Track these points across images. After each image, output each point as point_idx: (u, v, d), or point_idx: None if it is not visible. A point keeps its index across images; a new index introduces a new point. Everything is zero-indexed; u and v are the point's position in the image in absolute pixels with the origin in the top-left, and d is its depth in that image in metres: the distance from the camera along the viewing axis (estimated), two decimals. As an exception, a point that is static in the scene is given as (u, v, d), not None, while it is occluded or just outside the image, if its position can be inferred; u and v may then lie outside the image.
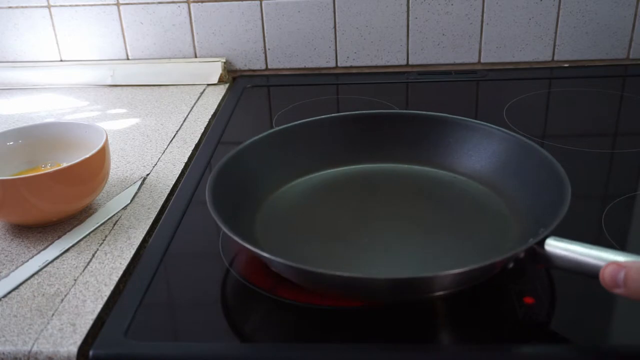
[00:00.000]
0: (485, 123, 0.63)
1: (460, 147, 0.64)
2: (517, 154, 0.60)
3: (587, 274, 0.43)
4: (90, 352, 0.45)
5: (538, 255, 0.45)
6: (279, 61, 0.99)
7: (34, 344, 0.46)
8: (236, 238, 0.47)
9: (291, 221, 0.59)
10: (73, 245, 0.58)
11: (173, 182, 0.68)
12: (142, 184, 0.68)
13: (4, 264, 0.55)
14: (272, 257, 0.46)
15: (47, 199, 0.57)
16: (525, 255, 0.45)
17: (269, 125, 0.83)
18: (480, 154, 0.63)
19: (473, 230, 0.56)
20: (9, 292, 0.52)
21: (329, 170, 0.65)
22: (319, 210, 0.60)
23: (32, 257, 0.56)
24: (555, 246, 0.45)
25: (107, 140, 0.61)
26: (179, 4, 0.96)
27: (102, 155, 0.60)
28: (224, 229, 0.48)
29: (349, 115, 0.68)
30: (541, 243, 0.45)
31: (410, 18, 0.95)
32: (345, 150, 0.66)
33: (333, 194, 0.63)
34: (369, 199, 0.62)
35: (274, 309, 0.48)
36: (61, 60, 1.02)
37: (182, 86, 0.97)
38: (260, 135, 0.63)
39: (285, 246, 0.55)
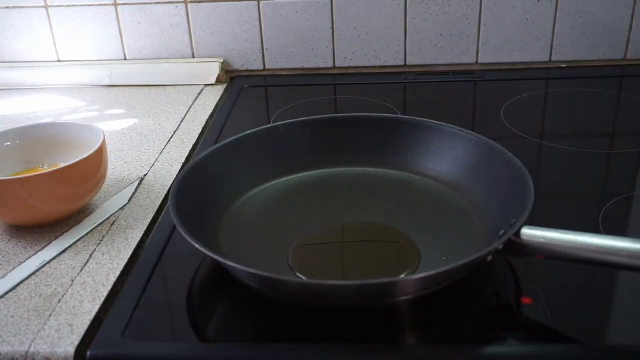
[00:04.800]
0: (446, 124, 0.63)
1: (420, 149, 0.64)
2: (478, 154, 0.60)
3: (567, 259, 0.44)
4: (88, 353, 0.45)
5: (515, 246, 0.45)
6: (277, 61, 0.99)
7: (31, 345, 0.46)
8: (202, 248, 0.46)
9: (255, 229, 0.58)
10: (70, 246, 0.57)
11: (171, 183, 0.68)
12: (139, 184, 0.68)
13: (1, 265, 0.55)
14: (236, 265, 0.45)
15: (44, 200, 0.57)
16: (502, 247, 0.46)
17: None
18: (442, 155, 0.63)
19: (441, 228, 0.56)
20: (7, 293, 0.52)
21: (291, 177, 0.65)
22: (282, 218, 0.60)
23: (30, 257, 0.56)
24: (532, 235, 0.45)
25: (104, 140, 0.61)
26: (176, 5, 0.96)
27: (99, 156, 0.60)
28: (189, 238, 0.47)
29: (308, 120, 0.67)
30: (517, 234, 0.45)
31: (407, 19, 0.95)
32: (305, 156, 0.66)
33: (296, 200, 0.62)
34: (332, 204, 0.62)
35: (273, 309, 0.48)
36: (59, 61, 1.02)
37: (179, 86, 0.97)
38: (219, 145, 0.62)
39: (250, 255, 0.54)
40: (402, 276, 0.49)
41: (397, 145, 0.65)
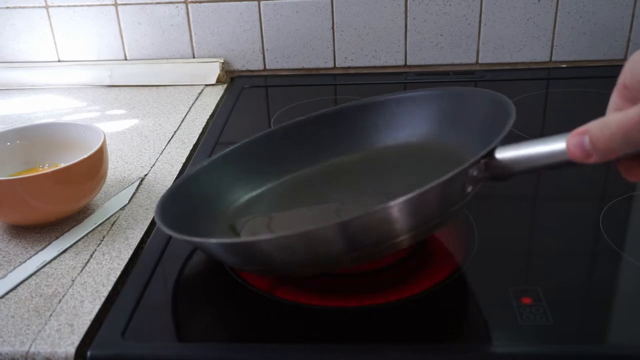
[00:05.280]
0: (404, 92, 0.63)
1: (389, 124, 0.63)
2: (451, 103, 0.59)
3: (547, 166, 0.43)
4: (88, 353, 0.45)
5: (491, 167, 0.45)
6: (277, 62, 0.99)
7: (31, 345, 0.46)
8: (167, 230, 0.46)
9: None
10: (71, 246, 0.57)
11: (171, 183, 0.68)
12: (140, 184, 0.68)
13: (2, 265, 0.55)
14: (202, 240, 0.45)
15: (45, 200, 0.57)
16: (478, 171, 0.45)
17: (267, 125, 0.83)
18: (413, 121, 0.62)
19: (431, 174, 0.55)
20: (7, 293, 0.52)
21: (282, 180, 0.64)
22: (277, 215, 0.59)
23: (30, 257, 0.56)
24: (505, 152, 0.44)
25: (105, 140, 0.61)
26: (177, 5, 0.96)
27: (100, 156, 0.60)
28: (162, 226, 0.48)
29: (282, 126, 0.66)
30: (491, 154, 0.45)
31: (408, 19, 0.95)
32: (280, 161, 0.64)
33: (290, 200, 0.61)
34: (329, 189, 0.61)
35: (273, 309, 0.48)
36: (59, 61, 1.02)
37: (180, 87, 0.97)
38: (207, 163, 0.62)
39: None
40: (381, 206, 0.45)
41: (361, 128, 0.64)
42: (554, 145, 0.42)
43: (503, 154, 0.45)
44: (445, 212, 0.47)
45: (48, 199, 0.58)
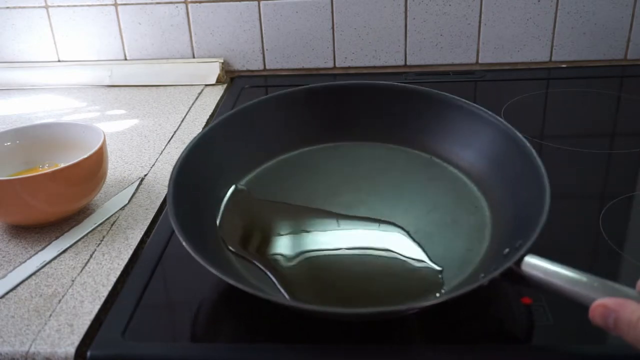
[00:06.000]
0: (476, 105, 0.58)
1: (446, 130, 0.59)
2: (505, 146, 0.55)
3: (568, 299, 0.41)
4: (88, 353, 0.45)
5: (515, 274, 0.43)
6: (277, 62, 0.99)
7: (31, 345, 0.46)
8: (206, 265, 0.45)
9: (257, 214, 0.56)
10: (71, 246, 0.57)
11: (171, 183, 0.68)
12: (139, 184, 0.68)
13: (2, 265, 0.55)
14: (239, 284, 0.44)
15: (44, 200, 0.57)
16: (500, 276, 0.43)
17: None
18: (468, 141, 0.58)
19: (452, 232, 0.53)
20: (7, 293, 0.52)
21: (304, 149, 0.61)
22: (285, 205, 0.57)
23: (30, 257, 0.56)
24: (534, 267, 0.42)
25: (104, 140, 0.61)
26: (176, 5, 0.96)
27: (100, 156, 0.60)
28: (188, 249, 0.46)
29: (319, 87, 0.63)
30: (519, 262, 0.42)
31: (408, 19, 0.95)
32: (320, 127, 0.61)
33: (305, 177, 0.58)
34: (340, 185, 0.58)
35: (273, 310, 0.48)
36: (59, 61, 1.02)
37: (180, 87, 0.97)
38: (220, 120, 0.59)
39: (253, 247, 0.53)
40: (400, 306, 0.46)
41: (421, 121, 0.59)
42: (582, 288, 0.40)
43: (530, 263, 0.42)
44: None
45: (48, 199, 0.58)
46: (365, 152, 0.61)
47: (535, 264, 0.42)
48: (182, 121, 0.85)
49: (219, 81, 0.98)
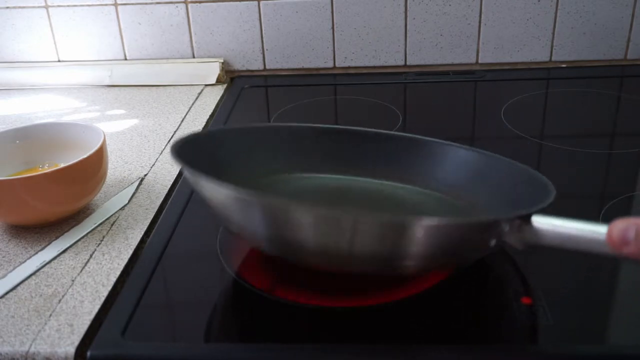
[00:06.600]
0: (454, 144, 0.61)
1: (424, 164, 0.62)
2: (484, 164, 0.58)
3: (579, 248, 0.42)
4: (88, 353, 0.45)
5: (523, 230, 0.44)
6: (277, 62, 0.99)
7: (31, 345, 0.46)
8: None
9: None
10: (71, 246, 0.57)
11: (171, 183, 0.68)
12: (139, 184, 0.68)
13: (2, 265, 0.55)
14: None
15: (44, 200, 0.57)
16: (510, 228, 0.44)
17: (267, 125, 0.83)
18: (452, 171, 0.60)
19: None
20: (7, 293, 0.52)
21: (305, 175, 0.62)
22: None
23: (30, 257, 0.56)
24: (542, 220, 0.43)
25: (104, 140, 0.61)
26: (176, 5, 0.96)
27: (99, 156, 0.60)
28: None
29: (326, 128, 0.65)
30: (528, 218, 0.43)
31: (408, 19, 0.95)
32: (321, 160, 0.63)
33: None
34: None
35: (273, 309, 0.48)
36: (59, 61, 1.02)
37: (180, 87, 0.97)
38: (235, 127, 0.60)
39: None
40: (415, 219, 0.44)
41: (403, 160, 0.63)
42: (595, 227, 0.41)
43: (540, 221, 0.43)
44: (460, 254, 0.46)
45: (48, 199, 0.58)
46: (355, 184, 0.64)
47: (545, 218, 0.43)
48: (182, 121, 0.85)
49: (219, 81, 0.98)
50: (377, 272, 0.47)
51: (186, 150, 0.51)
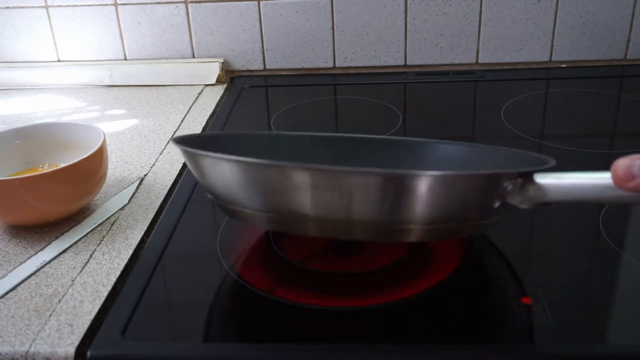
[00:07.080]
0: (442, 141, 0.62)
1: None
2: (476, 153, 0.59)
3: (585, 197, 0.41)
4: (88, 353, 0.45)
5: (526, 188, 0.43)
6: (277, 62, 0.99)
7: (31, 345, 0.46)
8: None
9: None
10: (71, 246, 0.57)
11: (171, 183, 0.68)
12: (139, 184, 0.68)
13: (2, 265, 0.55)
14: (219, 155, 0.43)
15: (44, 200, 0.57)
16: (513, 186, 0.43)
17: (266, 125, 0.83)
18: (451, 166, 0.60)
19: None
20: (7, 293, 0.52)
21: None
22: None
23: (30, 257, 0.56)
24: (545, 177, 0.43)
25: (104, 140, 0.61)
26: (176, 5, 0.96)
27: (99, 156, 0.60)
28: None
29: (323, 136, 0.66)
30: (530, 175, 0.43)
31: (408, 19, 0.95)
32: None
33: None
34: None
35: (272, 309, 0.48)
36: (59, 61, 1.02)
37: (180, 86, 0.97)
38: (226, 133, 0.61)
39: None
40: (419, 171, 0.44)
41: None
42: (598, 174, 0.41)
43: (543, 178, 0.43)
44: (465, 217, 0.46)
45: (48, 199, 0.58)
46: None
47: (546, 174, 0.43)
48: (182, 121, 0.85)
49: (219, 81, 0.98)
50: (380, 238, 0.46)
51: (186, 140, 0.51)
